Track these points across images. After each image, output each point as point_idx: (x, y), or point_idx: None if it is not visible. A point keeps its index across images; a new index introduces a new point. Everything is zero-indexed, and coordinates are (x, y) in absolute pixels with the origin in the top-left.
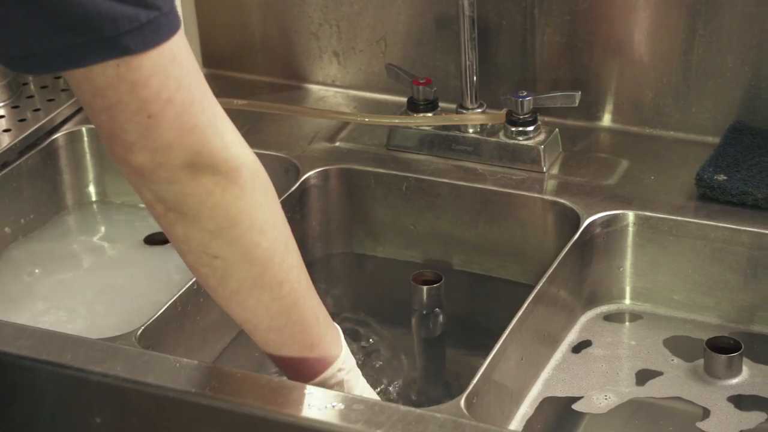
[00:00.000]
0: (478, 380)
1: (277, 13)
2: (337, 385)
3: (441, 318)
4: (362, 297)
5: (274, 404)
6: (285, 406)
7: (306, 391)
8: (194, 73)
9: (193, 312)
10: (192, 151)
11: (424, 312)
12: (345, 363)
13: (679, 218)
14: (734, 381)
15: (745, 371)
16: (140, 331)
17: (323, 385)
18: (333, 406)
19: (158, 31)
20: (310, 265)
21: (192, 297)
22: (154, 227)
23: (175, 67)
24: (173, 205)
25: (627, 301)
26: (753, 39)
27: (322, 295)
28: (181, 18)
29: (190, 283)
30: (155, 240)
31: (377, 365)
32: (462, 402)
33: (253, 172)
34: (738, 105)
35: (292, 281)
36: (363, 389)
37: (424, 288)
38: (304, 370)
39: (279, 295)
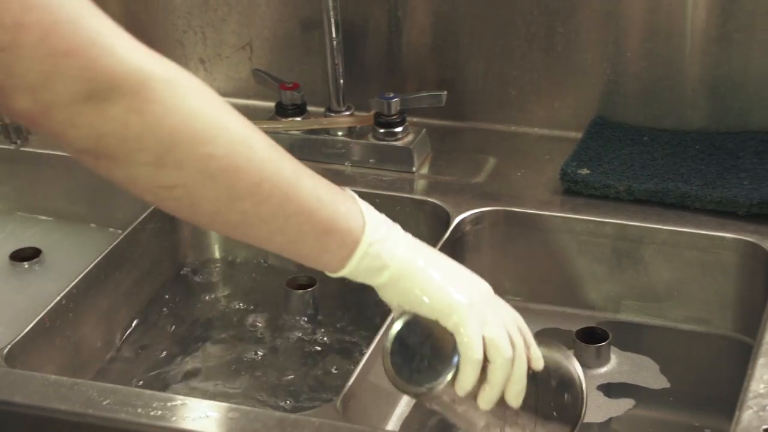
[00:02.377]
0: (352, 383)
1: (141, 22)
2: (380, 263)
3: (316, 322)
4: (238, 301)
5: (148, 417)
6: (161, 419)
7: (179, 402)
8: None
9: (62, 328)
10: (79, 80)
11: (299, 316)
12: (376, 231)
13: (545, 213)
14: (603, 370)
15: (613, 359)
16: (6, 350)
17: (368, 270)
18: (207, 416)
19: None
20: (181, 277)
21: (61, 312)
22: (21, 243)
23: None
24: (96, 151)
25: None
26: (610, 35)
27: (197, 309)
28: None
29: (59, 297)
30: (20, 256)
31: (255, 373)
32: (337, 405)
33: (169, 81)
34: (598, 100)
35: (270, 176)
36: (406, 252)
37: (298, 292)
38: (334, 260)
39: (262, 197)
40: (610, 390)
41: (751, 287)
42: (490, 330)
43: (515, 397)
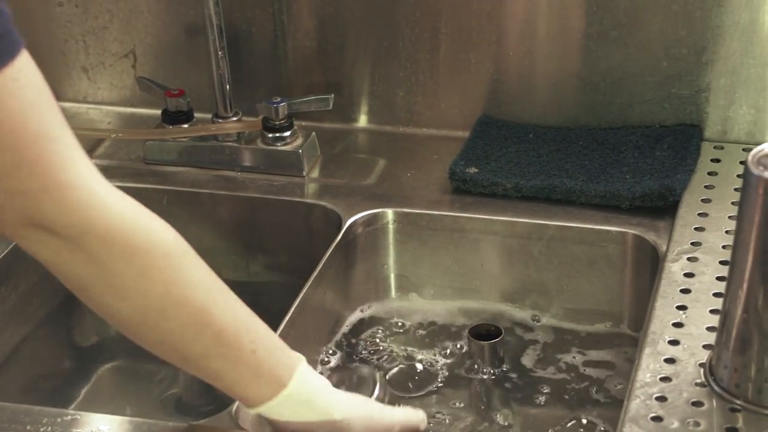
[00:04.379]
0: None
1: (20, 32)
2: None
3: None
4: None
5: None
6: None
7: (70, 417)
8: (20, 128)
9: None
10: (24, 215)
11: None
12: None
13: (435, 212)
14: (496, 367)
15: (506, 356)
16: None
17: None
18: (99, 430)
19: None
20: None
21: None
22: None
23: None
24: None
25: (393, 296)
26: (492, 35)
27: (90, 324)
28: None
29: None
30: None
31: (151, 385)
32: (232, 412)
33: (109, 241)
34: (483, 99)
35: (175, 344)
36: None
37: None
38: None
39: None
40: (504, 387)
41: (637, 278)
42: None
43: None
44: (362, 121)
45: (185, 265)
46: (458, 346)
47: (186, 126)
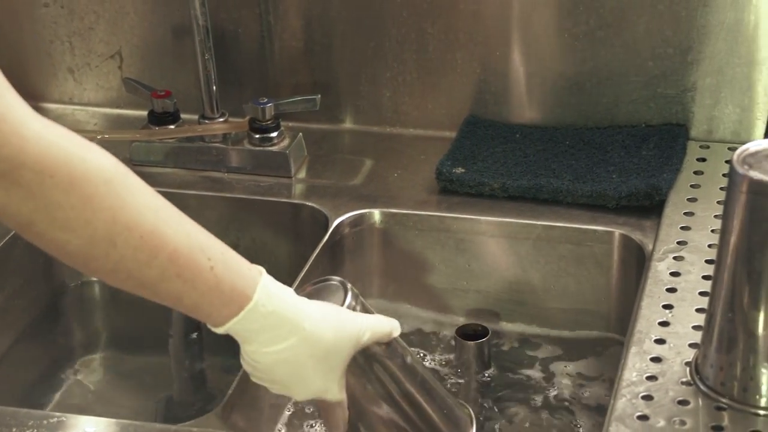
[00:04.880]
0: (233, 392)
1: (5, 33)
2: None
3: (200, 335)
4: (120, 324)
5: None
6: None
7: (56, 420)
8: None
9: None
10: None
11: (182, 330)
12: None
13: (422, 213)
14: (482, 364)
15: (494, 356)
16: None
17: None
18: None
19: None
20: (58, 295)
21: None
22: None
23: None
24: None
25: (379, 297)
26: (479, 35)
27: (75, 327)
28: None
29: None
30: None
31: (139, 389)
32: (218, 413)
33: (44, 173)
34: (470, 99)
35: (129, 271)
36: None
37: None
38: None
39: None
40: (491, 387)
41: (624, 278)
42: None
43: None
44: (349, 121)
45: (129, 190)
46: (445, 346)
47: (172, 127)
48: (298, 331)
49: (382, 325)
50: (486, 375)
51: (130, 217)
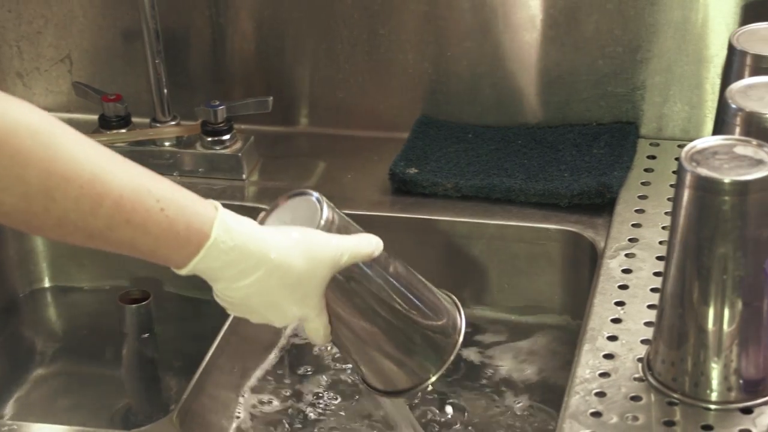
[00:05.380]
0: (188, 395)
1: None
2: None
3: (153, 338)
4: (72, 330)
5: None
6: None
7: (6, 429)
8: None
9: None
10: None
11: (135, 333)
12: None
13: (376, 213)
14: None
15: None
16: None
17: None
18: None
19: None
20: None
21: None
22: None
23: None
24: None
25: None
26: (429, 35)
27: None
28: None
29: None
30: None
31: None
32: (173, 419)
33: None
34: (422, 100)
35: (75, 222)
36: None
37: (133, 307)
38: (178, 258)
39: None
40: (444, 383)
41: (576, 275)
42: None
43: None
44: (303, 123)
45: (59, 140)
46: None
47: (124, 131)
48: (265, 262)
49: (361, 247)
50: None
51: (66, 168)
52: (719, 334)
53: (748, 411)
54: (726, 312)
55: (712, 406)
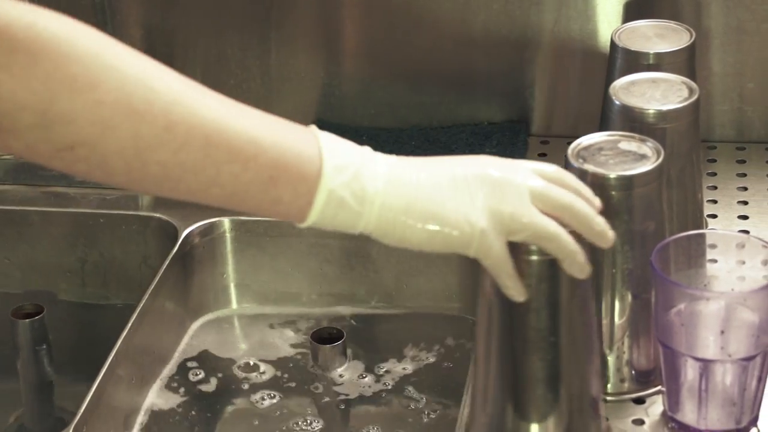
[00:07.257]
0: (85, 408)
1: None
2: (348, 212)
3: (48, 352)
4: None
5: None
6: None
7: None
8: None
9: None
10: None
11: (29, 348)
12: (339, 175)
13: (272, 219)
14: (342, 368)
15: (351, 356)
16: None
17: (339, 220)
18: None
19: None
20: None
21: None
22: None
23: None
24: None
25: (234, 305)
26: (321, 39)
27: None
28: None
29: None
30: None
31: None
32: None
33: (31, 25)
34: (316, 103)
35: (182, 120)
36: (384, 190)
37: (26, 322)
38: (292, 212)
39: (178, 145)
40: (350, 384)
41: (472, 272)
42: (521, 233)
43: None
44: None
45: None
46: (302, 350)
47: None
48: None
49: (543, 167)
50: (344, 377)
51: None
52: (611, 327)
53: (640, 401)
54: (617, 305)
55: (607, 398)
